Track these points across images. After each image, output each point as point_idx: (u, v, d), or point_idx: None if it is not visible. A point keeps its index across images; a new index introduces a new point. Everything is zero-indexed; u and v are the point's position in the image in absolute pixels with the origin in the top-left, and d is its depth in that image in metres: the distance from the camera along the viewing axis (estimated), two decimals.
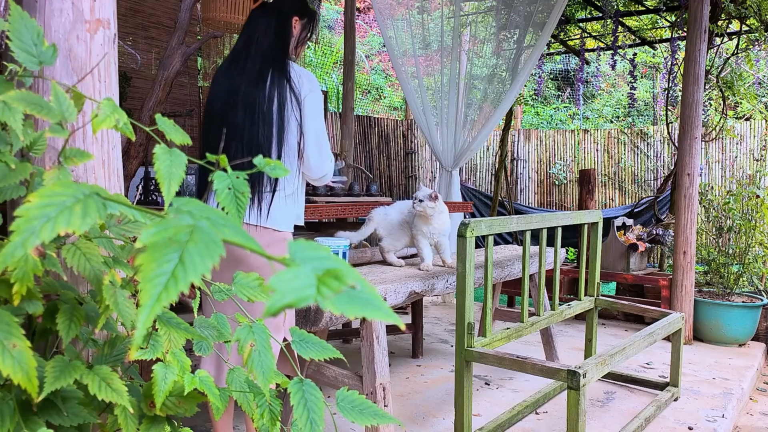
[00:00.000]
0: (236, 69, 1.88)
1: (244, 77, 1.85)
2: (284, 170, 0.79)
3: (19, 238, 0.46)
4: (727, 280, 4.06)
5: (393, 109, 11.89)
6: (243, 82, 1.84)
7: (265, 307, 0.40)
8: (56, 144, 1.04)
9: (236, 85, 1.85)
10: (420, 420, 2.57)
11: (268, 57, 1.87)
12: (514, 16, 4.78)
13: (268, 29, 1.90)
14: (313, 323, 1.97)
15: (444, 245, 2.61)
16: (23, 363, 0.64)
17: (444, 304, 5.15)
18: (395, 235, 2.63)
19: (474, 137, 4.78)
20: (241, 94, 1.83)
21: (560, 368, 1.91)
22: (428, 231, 2.53)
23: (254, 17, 1.94)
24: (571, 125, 11.97)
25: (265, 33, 1.90)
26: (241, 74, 1.86)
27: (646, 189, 8.32)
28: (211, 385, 0.90)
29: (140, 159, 3.03)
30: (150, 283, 0.42)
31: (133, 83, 5.18)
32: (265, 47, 1.88)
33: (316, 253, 0.44)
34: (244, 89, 1.83)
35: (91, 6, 1.08)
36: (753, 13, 4.55)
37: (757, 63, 7.10)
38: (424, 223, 2.53)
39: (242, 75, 1.85)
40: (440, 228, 2.55)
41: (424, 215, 2.49)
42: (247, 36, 1.92)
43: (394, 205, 2.71)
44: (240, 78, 1.85)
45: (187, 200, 0.49)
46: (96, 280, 0.80)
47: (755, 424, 2.86)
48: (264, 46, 1.88)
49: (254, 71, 1.84)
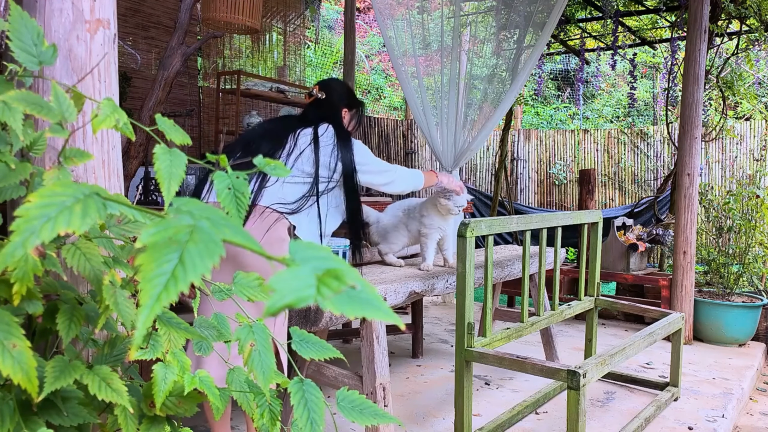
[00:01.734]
0: (275, 122, 2.20)
1: (279, 123, 2.14)
2: (285, 170, 0.79)
3: (19, 238, 0.46)
4: (727, 280, 4.06)
5: (393, 109, 11.89)
6: (277, 125, 2.11)
7: (264, 307, 0.40)
8: (56, 144, 1.04)
9: (271, 128, 2.10)
10: (420, 420, 2.57)
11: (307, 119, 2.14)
12: (514, 16, 4.78)
13: (314, 116, 2.14)
14: (313, 323, 1.97)
15: (449, 241, 2.61)
16: (23, 363, 0.64)
17: (444, 304, 5.15)
18: (390, 238, 2.63)
19: (474, 137, 4.78)
20: (274, 132, 2.07)
21: (560, 368, 1.91)
22: (444, 225, 2.55)
23: (306, 108, 2.21)
24: (571, 125, 11.97)
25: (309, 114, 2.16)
26: (278, 122, 2.17)
27: (646, 189, 8.32)
28: (211, 385, 0.90)
29: (140, 159, 3.03)
30: (150, 283, 0.42)
31: (133, 83, 5.18)
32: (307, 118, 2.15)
33: (316, 253, 0.44)
34: (277, 130, 2.08)
35: (91, 6, 1.08)
36: (753, 13, 4.55)
37: (757, 63, 7.09)
38: (442, 218, 2.54)
39: (279, 122, 2.16)
40: (452, 220, 2.58)
41: (448, 211, 2.50)
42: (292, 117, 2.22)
43: (387, 210, 2.71)
44: (276, 123, 2.15)
45: (187, 200, 0.49)
46: (96, 280, 0.80)
47: (755, 424, 2.86)
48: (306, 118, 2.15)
49: (292, 121, 2.13)
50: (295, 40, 6.98)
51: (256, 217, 1.89)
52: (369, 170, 2.14)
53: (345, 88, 2.27)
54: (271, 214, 1.91)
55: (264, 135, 2.04)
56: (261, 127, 2.14)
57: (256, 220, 1.89)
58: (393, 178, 2.21)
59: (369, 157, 2.16)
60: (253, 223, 1.88)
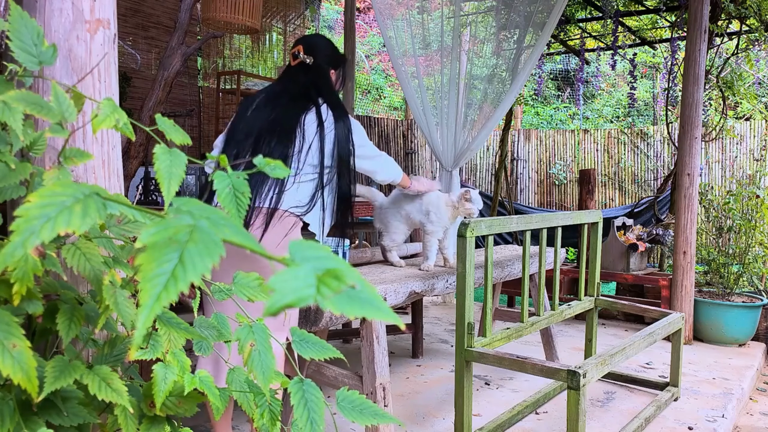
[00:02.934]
0: (274, 104, 2.04)
1: (281, 111, 2.00)
2: (284, 170, 0.79)
3: (19, 238, 0.46)
4: (727, 280, 4.06)
5: (393, 109, 11.89)
6: (281, 115, 1.99)
7: (264, 307, 0.40)
8: (56, 144, 1.04)
9: (276, 117, 2.00)
10: (420, 420, 2.57)
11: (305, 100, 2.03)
12: (514, 16, 4.78)
13: (306, 83, 2.06)
14: (313, 323, 1.97)
15: (450, 240, 2.60)
16: (23, 363, 0.64)
17: (444, 304, 5.15)
18: (391, 227, 2.60)
19: (474, 137, 4.78)
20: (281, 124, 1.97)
21: (560, 368, 1.91)
22: (449, 225, 2.55)
23: (293, 71, 2.10)
24: (571, 125, 11.97)
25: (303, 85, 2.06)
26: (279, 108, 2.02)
27: (646, 189, 8.32)
28: (211, 385, 0.90)
29: (140, 159, 3.03)
30: (150, 283, 0.42)
31: (133, 83, 5.18)
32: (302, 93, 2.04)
33: (316, 252, 0.44)
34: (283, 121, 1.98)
35: (91, 6, 1.08)
36: (753, 13, 4.55)
37: (757, 63, 7.09)
38: (451, 218, 2.54)
39: (280, 108, 2.01)
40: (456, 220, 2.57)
41: (470, 214, 2.50)
42: (284, 86, 2.08)
43: (391, 195, 2.67)
44: (279, 111, 2.01)
45: (187, 200, 0.49)
46: (96, 280, 0.80)
47: (755, 424, 2.86)
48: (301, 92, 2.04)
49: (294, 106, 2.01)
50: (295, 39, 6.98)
51: (276, 222, 1.90)
52: (364, 154, 2.09)
53: (330, 47, 2.18)
54: (288, 217, 1.92)
55: (273, 129, 1.96)
56: (264, 112, 2.02)
57: (276, 225, 1.90)
58: (382, 166, 2.17)
59: (365, 139, 2.11)
60: (274, 227, 1.89)
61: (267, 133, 1.97)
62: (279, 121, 1.99)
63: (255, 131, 1.98)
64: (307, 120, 1.99)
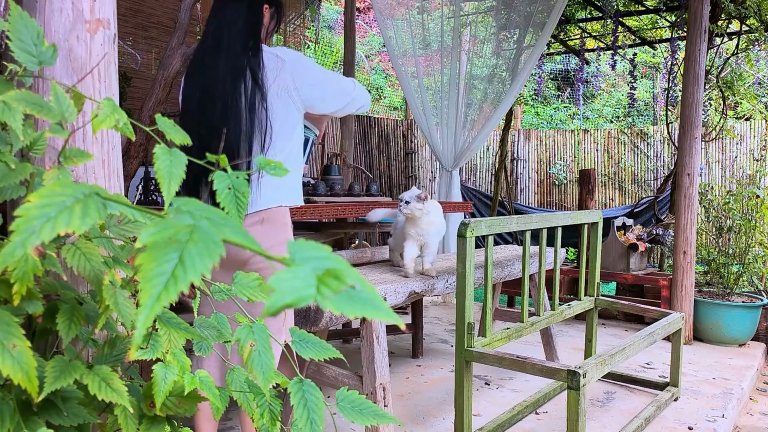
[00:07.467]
0: (208, 65, 1.79)
1: (218, 74, 1.76)
2: (284, 170, 0.79)
3: (19, 238, 0.46)
4: (727, 280, 4.06)
5: (393, 109, 11.89)
6: (218, 79, 1.75)
7: (264, 307, 0.40)
8: (56, 144, 1.04)
9: (210, 84, 1.76)
10: (420, 420, 2.57)
11: (240, 53, 1.77)
12: (514, 16, 4.78)
13: (237, 19, 1.78)
14: (313, 323, 1.97)
15: (430, 248, 2.48)
16: (23, 363, 0.64)
17: (444, 304, 5.15)
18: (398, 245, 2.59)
19: (474, 137, 4.78)
20: (218, 92, 1.75)
21: (560, 368, 1.91)
22: (415, 233, 2.42)
23: (223, 3, 1.83)
24: (571, 125, 11.97)
25: (235, 23, 1.78)
26: (214, 70, 1.77)
27: (646, 189, 8.32)
28: (211, 385, 0.90)
29: (140, 159, 3.03)
30: (150, 283, 0.42)
31: (133, 83, 5.18)
32: (236, 41, 1.78)
33: (316, 252, 0.44)
34: (219, 87, 1.75)
35: (91, 6, 1.08)
36: (753, 13, 4.55)
37: (757, 63, 7.09)
38: (411, 225, 2.41)
39: (215, 71, 1.77)
40: (427, 229, 2.42)
41: (412, 217, 2.38)
42: (216, 26, 1.82)
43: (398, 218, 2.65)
44: (214, 74, 1.77)
45: (187, 200, 0.49)
46: (96, 280, 0.80)
47: (755, 424, 2.86)
48: (235, 40, 1.78)
49: (227, 69, 1.76)
50: (295, 40, 6.99)
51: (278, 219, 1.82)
52: (324, 95, 1.86)
53: None
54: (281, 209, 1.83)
55: (225, 115, 1.72)
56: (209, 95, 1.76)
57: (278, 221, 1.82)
58: (349, 103, 1.92)
59: (319, 72, 1.86)
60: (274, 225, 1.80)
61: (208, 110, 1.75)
62: (226, 100, 1.75)
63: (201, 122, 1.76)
64: (253, 91, 1.76)
